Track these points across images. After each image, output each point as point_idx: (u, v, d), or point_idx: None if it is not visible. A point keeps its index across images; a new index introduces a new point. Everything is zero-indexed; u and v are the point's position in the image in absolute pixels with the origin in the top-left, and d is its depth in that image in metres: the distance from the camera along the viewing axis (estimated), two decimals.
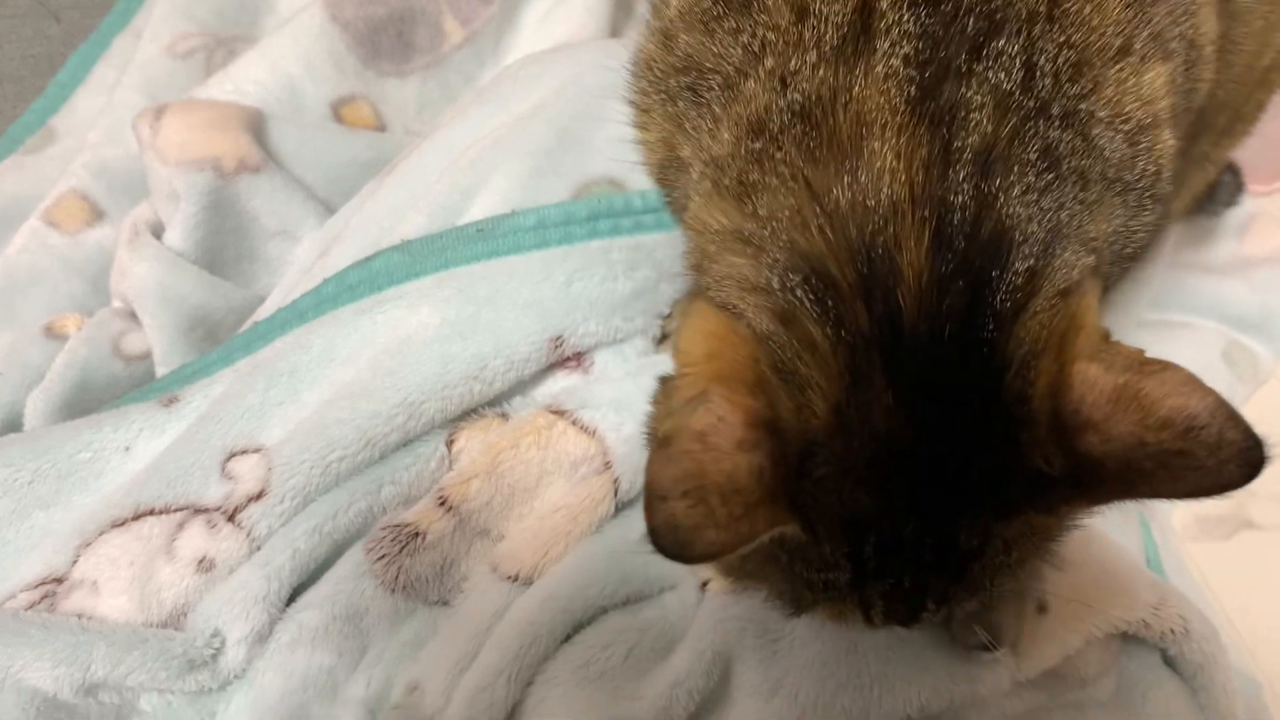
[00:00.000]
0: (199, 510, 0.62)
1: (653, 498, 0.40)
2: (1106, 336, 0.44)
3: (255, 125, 0.84)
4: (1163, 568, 0.79)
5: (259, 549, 0.61)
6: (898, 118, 0.43)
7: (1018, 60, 0.44)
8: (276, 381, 0.64)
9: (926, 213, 0.41)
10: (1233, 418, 0.39)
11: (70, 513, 0.65)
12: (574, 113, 0.71)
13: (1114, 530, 0.70)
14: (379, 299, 0.65)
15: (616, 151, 0.70)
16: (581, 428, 0.64)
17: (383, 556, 0.60)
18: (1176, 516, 0.99)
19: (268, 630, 0.59)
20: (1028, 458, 0.42)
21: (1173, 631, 0.61)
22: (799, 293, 0.42)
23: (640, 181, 0.69)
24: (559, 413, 0.64)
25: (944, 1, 0.45)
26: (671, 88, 0.52)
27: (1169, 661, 0.63)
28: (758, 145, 0.45)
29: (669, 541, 0.40)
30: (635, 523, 0.63)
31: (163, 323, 0.76)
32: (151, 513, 0.62)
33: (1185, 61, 0.52)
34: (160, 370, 0.77)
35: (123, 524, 0.62)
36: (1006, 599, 0.59)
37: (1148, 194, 0.50)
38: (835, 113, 0.44)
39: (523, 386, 0.67)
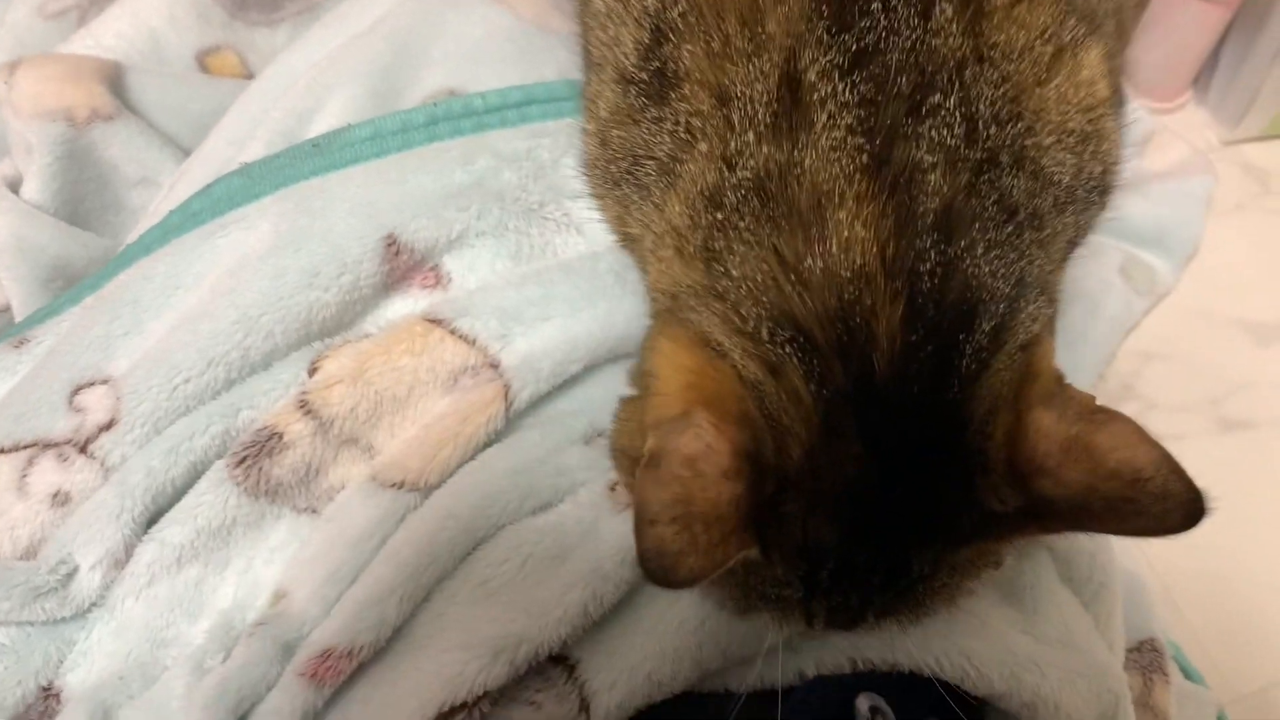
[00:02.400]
0: (48, 445, 0.61)
1: (642, 521, 0.42)
2: (1060, 379, 0.47)
3: (112, 76, 0.82)
4: None
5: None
6: (855, 187, 0.45)
7: (957, 114, 0.45)
8: (120, 313, 0.64)
9: (899, 285, 0.44)
10: (1176, 471, 0.42)
11: None
12: (410, 27, 0.70)
13: None
14: (221, 223, 0.64)
15: (455, 63, 0.70)
16: (460, 336, 0.62)
17: (242, 460, 0.59)
18: None
19: (124, 554, 0.59)
20: (983, 498, 0.46)
21: None
22: (786, 349, 0.45)
23: (483, 83, 0.69)
24: (436, 321, 0.62)
25: (872, 64, 0.45)
26: (614, 174, 0.55)
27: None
28: (719, 216, 0.47)
29: (656, 566, 0.42)
30: (539, 439, 0.62)
31: (20, 274, 0.75)
32: (1, 451, 0.62)
33: (1116, 23, 0.53)
34: None
35: None
36: None
37: (1095, 190, 0.51)
38: (789, 185, 0.46)
39: (383, 308, 0.65)
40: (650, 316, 0.58)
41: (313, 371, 0.62)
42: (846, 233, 0.45)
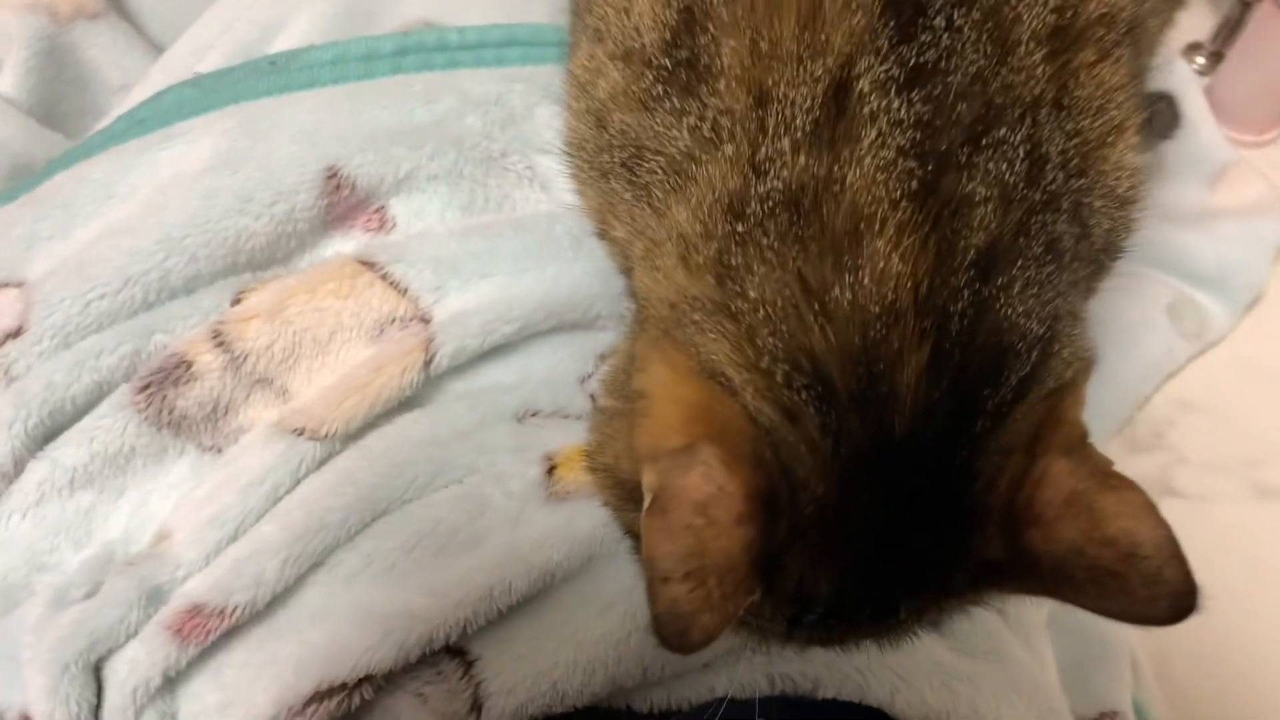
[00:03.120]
0: None
1: (655, 579, 0.39)
2: (1084, 435, 0.45)
3: None
4: None
5: None
6: (899, 214, 0.41)
7: (1021, 150, 0.43)
8: (48, 214, 0.60)
9: (928, 324, 0.41)
10: (1177, 557, 0.39)
11: None
12: None
13: None
14: (166, 134, 0.61)
15: None
16: (391, 283, 0.58)
17: (146, 387, 0.55)
18: None
19: (13, 469, 0.55)
20: (979, 549, 0.44)
21: None
22: (804, 395, 0.42)
23: (465, 18, 0.64)
24: (368, 264, 0.58)
25: (931, 84, 0.42)
26: (604, 164, 0.51)
27: None
28: (740, 228, 0.44)
29: (671, 631, 0.39)
30: (465, 411, 0.58)
31: None
32: None
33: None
34: None
35: None
36: None
37: (1111, 254, 0.50)
38: (825, 204, 0.42)
39: (322, 246, 0.61)
40: (636, 323, 0.53)
41: (236, 302, 0.58)
42: (882, 264, 0.41)
